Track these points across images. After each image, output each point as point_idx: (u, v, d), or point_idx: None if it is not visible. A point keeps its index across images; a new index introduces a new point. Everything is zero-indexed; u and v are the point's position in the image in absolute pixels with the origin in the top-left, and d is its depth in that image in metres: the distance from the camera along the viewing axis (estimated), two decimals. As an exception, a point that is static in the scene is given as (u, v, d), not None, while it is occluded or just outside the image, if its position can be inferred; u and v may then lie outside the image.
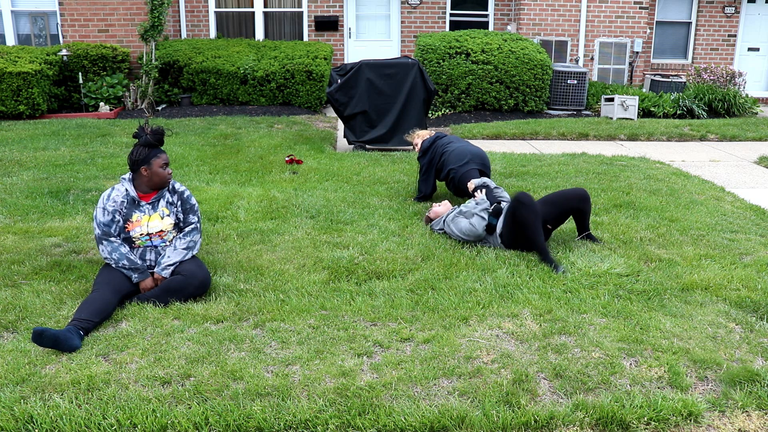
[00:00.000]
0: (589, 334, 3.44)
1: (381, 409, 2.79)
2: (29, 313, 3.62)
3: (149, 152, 3.86)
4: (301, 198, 5.90)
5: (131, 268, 3.79)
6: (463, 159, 5.64)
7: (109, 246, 3.79)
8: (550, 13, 13.06)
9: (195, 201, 4.11)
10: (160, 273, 3.87)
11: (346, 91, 8.03)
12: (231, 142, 8.58)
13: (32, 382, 2.96)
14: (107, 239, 3.80)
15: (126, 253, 3.80)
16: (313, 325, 3.52)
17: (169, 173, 3.92)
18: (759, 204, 6.20)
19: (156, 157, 3.87)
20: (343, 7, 13.35)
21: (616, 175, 7.00)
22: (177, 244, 3.95)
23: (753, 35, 14.40)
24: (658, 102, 11.52)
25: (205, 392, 2.89)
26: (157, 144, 3.89)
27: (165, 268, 3.87)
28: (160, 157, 3.88)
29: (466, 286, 4.03)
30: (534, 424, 2.74)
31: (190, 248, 3.98)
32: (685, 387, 2.99)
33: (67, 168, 7.03)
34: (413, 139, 6.22)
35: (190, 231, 4.01)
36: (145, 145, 3.87)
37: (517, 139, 9.84)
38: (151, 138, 3.87)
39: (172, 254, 3.91)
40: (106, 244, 3.80)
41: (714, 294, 3.98)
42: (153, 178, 3.89)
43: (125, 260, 3.79)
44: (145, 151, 3.86)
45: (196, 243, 4.01)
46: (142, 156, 3.85)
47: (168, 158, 3.94)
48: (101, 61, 11.12)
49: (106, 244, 3.80)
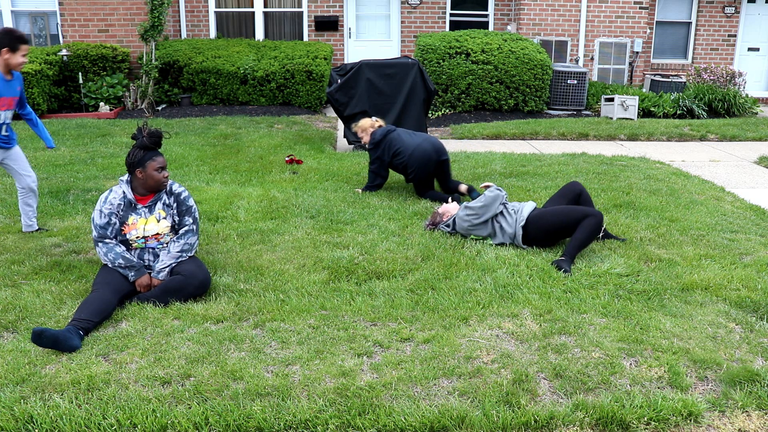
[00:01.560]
0: (589, 334, 3.44)
1: (381, 409, 2.79)
2: (29, 313, 3.62)
3: (145, 155, 3.85)
4: (301, 198, 5.90)
5: (127, 266, 3.80)
6: (420, 154, 5.93)
7: (105, 248, 3.80)
8: (550, 13, 13.05)
9: (193, 202, 4.08)
10: (156, 277, 3.86)
11: (346, 91, 8.02)
12: (231, 142, 8.58)
13: (32, 382, 2.96)
14: (103, 241, 3.82)
15: (121, 252, 3.80)
16: (313, 325, 3.52)
17: (164, 176, 3.90)
18: (759, 204, 6.20)
19: (151, 160, 3.85)
20: (343, 7, 13.35)
21: (616, 175, 7.00)
22: (171, 248, 3.93)
23: (753, 35, 14.40)
24: (658, 102, 11.52)
25: (205, 392, 2.88)
26: (153, 146, 3.89)
27: (159, 272, 3.87)
28: (155, 160, 3.86)
29: (466, 286, 4.03)
30: (534, 424, 2.74)
31: (185, 251, 3.94)
32: (685, 387, 2.99)
33: (67, 168, 7.03)
34: (358, 132, 6.28)
35: (184, 233, 3.97)
36: (141, 147, 3.86)
37: (517, 139, 9.84)
38: (147, 140, 3.86)
39: (166, 258, 3.90)
40: (101, 246, 3.81)
41: (714, 294, 3.98)
42: (148, 180, 3.88)
43: (121, 259, 3.79)
44: (141, 154, 3.85)
45: (191, 246, 3.98)
46: (137, 158, 3.84)
47: (165, 161, 3.92)
48: (101, 61, 11.12)
49: (101, 246, 3.81)
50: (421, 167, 5.89)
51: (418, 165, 5.88)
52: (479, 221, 4.75)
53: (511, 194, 6.09)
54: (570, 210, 4.58)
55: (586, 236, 4.44)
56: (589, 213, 4.49)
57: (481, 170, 7.17)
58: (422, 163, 5.87)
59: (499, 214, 4.74)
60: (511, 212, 4.73)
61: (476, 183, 6.58)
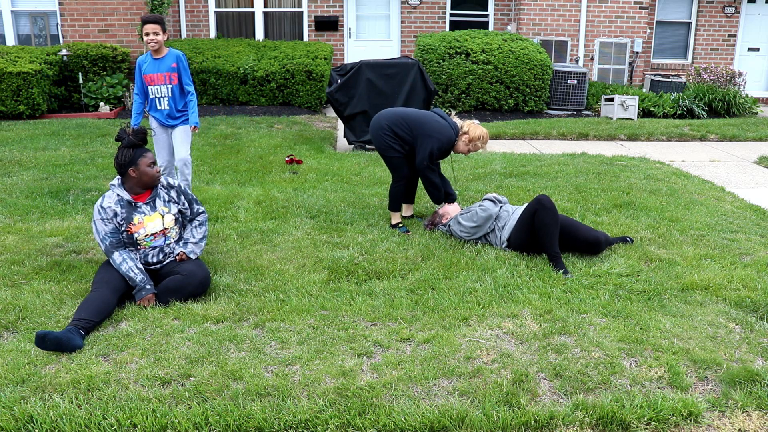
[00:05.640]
0: (589, 334, 3.44)
1: (381, 409, 2.78)
2: (29, 313, 3.62)
3: (134, 153, 3.87)
4: (301, 198, 5.90)
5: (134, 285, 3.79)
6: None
7: (120, 258, 3.81)
8: (550, 13, 13.06)
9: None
10: (184, 250, 4.03)
11: (346, 91, 8.02)
12: (231, 142, 8.58)
13: (32, 382, 2.96)
14: (116, 250, 3.83)
15: (132, 267, 3.79)
16: (313, 325, 3.52)
17: (157, 171, 3.95)
18: (759, 204, 6.20)
19: (142, 157, 3.88)
20: (343, 7, 13.35)
21: (616, 175, 7.00)
22: (195, 234, 4.13)
23: (753, 35, 14.40)
24: (658, 102, 11.52)
25: (205, 392, 2.88)
26: (141, 144, 3.91)
27: (192, 252, 4.07)
28: (146, 156, 3.89)
29: (466, 286, 4.03)
30: (534, 424, 2.74)
31: (205, 236, 4.21)
32: (685, 387, 2.99)
33: (67, 168, 7.03)
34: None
35: (204, 221, 4.23)
36: (129, 146, 3.88)
37: (517, 139, 9.84)
38: (134, 139, 3.89)
39: (192, 246, 4.09)
40: (116, 256, 3.82)
41: (714, 294, 3.98)
42: (142, 177, 3.89)
43: (131, 273, 3.78)
44: (131, 153, 3.87)
45: (206, 234, 4.27)
46: (128, 158, 3.86)
47: (154, 157, 3.96)
48: (101, 61, 11.12)
49: (116, 255, 3.82)
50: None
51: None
52: (471, 238, 4.81)
53: (511, 194, 6.09)
54: (524, 215, 4.55)
55: (546, 229, 4.36)
56: (537, 207, 4.43)
57: (481, 170, 7.17)
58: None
59: (490, 232, 4.75)
60: (496, 231, 4.72)
61: (476, 183, 6.58)
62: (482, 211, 4.72)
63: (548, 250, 4.37)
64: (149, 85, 5.51)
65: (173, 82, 5.51)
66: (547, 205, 4.38)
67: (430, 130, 4.91)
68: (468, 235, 4.80)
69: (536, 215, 4.41)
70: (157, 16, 5.42)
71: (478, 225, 4.73)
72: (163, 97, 5.52)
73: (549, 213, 4.37)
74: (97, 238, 3.87)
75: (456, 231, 4.86)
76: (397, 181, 5.12)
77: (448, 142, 4.96)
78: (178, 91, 5.55)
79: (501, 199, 4.95)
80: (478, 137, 4.98)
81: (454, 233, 4.89)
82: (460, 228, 4.82)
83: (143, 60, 5.54)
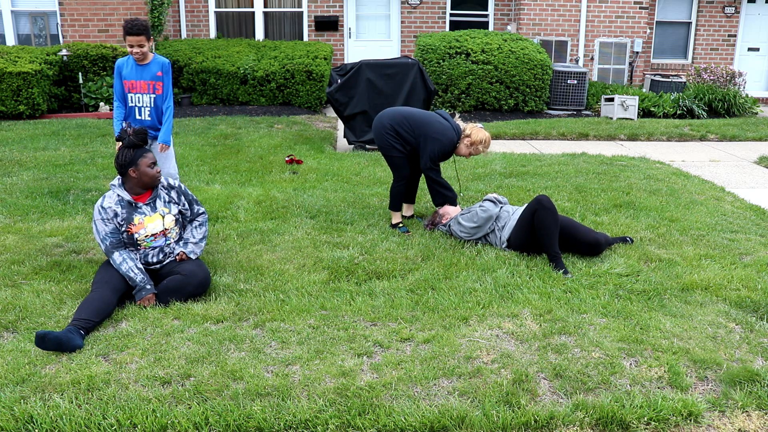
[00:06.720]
0: (589, 334, 3.44)
1: (381, 409, 2.78)
2: (29, 313, 3.62)
3: (135, 153, 3.88)
4: (301, 198, 5.90)
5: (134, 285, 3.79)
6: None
7: (120, 258, 3.81)
8: (550, 13, 13.06)
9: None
10: (184, 250, 4.03)
11: (346, 91, 8.02)
12: (231, 142, 8.58)
13: (32, 382, 2.96)
14: (117, 250, 3.83)
15: (132, 267, 3.79)
16: (313, 325, 3.52)
17: (157, 171, 3.95)
18: (759, 204, 6.20)
19: (142, 157, 3.88)
20: (343, 7, 13.35)
21: (616, 175, 7.00)
22: (195, 234, 4.14)
23: (753, 35, 14.40)
24: (658, 102, 11.52)
25: (205, 392, 2.88)
26: (141, 144, 3.91)
27: (192, 252, 4.07)
28: (146, 157, 3.90)
29: (466, 286, 4.03)
30: (534, 424, 2.74)
31: (205, 237, 4.21)
32: (685, 387, 2.99)
33: (67, 168, 7.03)
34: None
35: (205, 221, 4.24)
36: (129, 146, 3.89)
37: (517, 139, 9.84)
38: (134, 139, 3.89)
39: (192, 246, 4.10)
40: (117, 256, 3.82)
41: (714, 294, 3.98)
42: (142, 178, 3.90)
43: (132, 274, 3.78)
44: (131, 153, 3.87)
45: (206, 234, 4.28)
46: (128, 158, 3.86)
47: (154, 157, 3.96)
48: (101, 61, 11.11)
49: (117, 255, 3.82)
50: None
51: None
52: (471, 238, 4.80)
53: (511, 194, 6.09)
54: (524, 215, 4.54)
55: (546, 229, 4.36)
56: (537, 207, 4.43)
57: (481, 170, 7.17)
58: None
59: (490, 233, 4.75)
60: (496, 231, 4.71)
61: (476, 183, 6.58)
62: (482, 212, 4.73)
63: (548, 250, 4.37)
64: (129, 92, 5.03)
65: (157, 92, 5.05)
66: (547, 205, 4.38)
67: (432, 132, 4.91)
68: (468, 235, 4.80)
69: (536, 215, 4.41)
70: (140, 25, 4.87)
71: (478, 225, 4.73)
72: (145, 107, 5.06)
73: (549, 213, 4.37)
74: (97, 238, 3.87)
75: (456, 231, 4.86)
76: (398, 181, 5.12)
77: (449, 145, 4.95)
78: (161, 102, 5.10)
79: (501, 200, 4.94)
80: (480, 141, 4.97)
81: (454, 233, 4.90)
82: (461, 228, 4.82)
83: (123, 63, 5.05)
